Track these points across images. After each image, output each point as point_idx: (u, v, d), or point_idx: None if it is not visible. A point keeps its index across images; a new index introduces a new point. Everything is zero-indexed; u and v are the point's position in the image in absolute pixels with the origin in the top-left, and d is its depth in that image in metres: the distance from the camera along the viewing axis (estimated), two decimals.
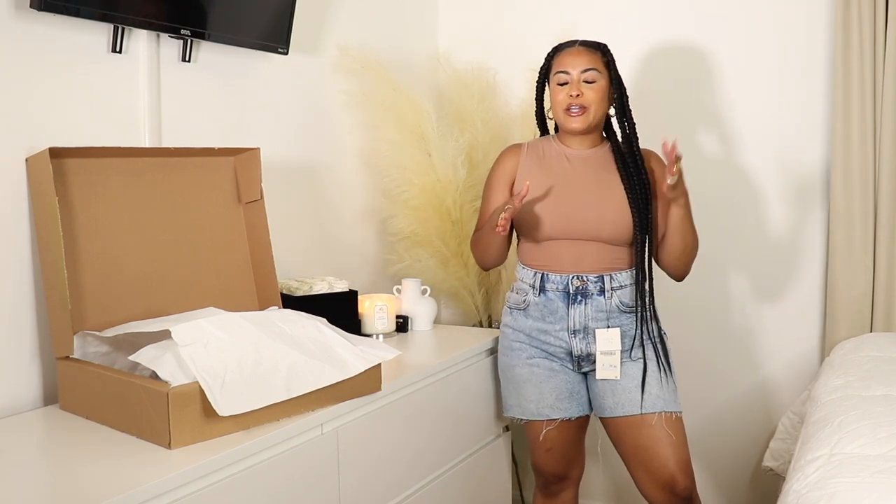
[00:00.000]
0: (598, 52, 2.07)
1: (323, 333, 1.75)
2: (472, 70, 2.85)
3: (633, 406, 2.05)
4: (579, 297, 2.07)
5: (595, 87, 2.04)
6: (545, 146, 2.16)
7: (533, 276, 2.11)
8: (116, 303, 1.81)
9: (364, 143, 2.70)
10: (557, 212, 2.06)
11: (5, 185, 1.71)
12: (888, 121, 2.43)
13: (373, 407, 1.87)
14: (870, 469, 1.48)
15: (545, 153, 2.14)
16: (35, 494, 1.35)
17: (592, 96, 2.03)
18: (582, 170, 2.10)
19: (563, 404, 2.12)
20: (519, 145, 2.20)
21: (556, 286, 2.08)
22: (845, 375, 2.09)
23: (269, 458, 1.57)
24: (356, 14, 2.68)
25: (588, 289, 2.06)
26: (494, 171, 2.18)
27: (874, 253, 2.49)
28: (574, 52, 2.06)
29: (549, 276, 2.09)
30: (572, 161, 2.11)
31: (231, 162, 2.06)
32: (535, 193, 2.06)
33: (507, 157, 2.18)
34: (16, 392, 1.73)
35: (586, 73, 2.03)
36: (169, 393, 1.46)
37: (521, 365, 2.14)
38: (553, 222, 2.06)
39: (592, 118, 2.05)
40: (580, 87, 2.03)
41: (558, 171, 2.10)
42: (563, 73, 2.05)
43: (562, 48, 2.10)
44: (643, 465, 2.06)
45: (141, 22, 1.88)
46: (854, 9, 2.43)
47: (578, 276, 2.06)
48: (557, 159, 2.12)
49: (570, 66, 2.05)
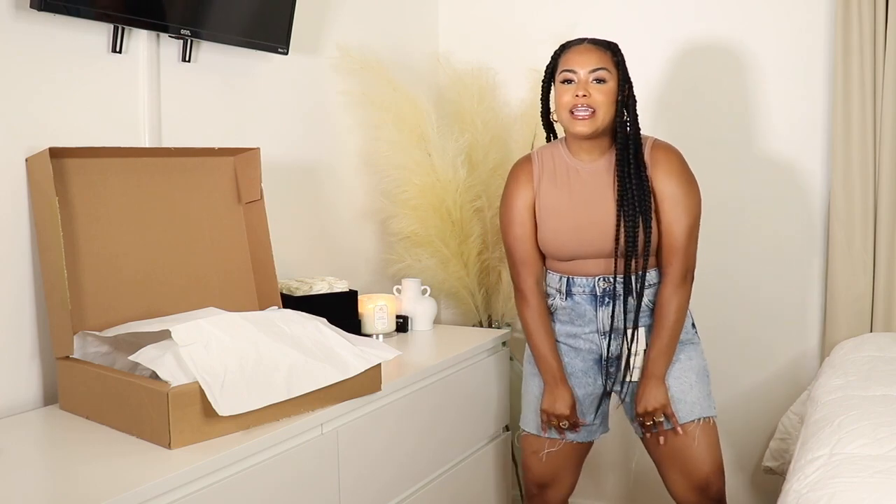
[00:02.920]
0: (609, 52, 1.94)
1: (323, 333, 1.75)
2: (472, 70, 2.85)
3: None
4: (606, 299, 2.01)
5: (604, 89, 1.91)
6: (555, 160, 2.04)
7: (559, 281, 2.05)
8: (116, 303, 1.81)
9: (364, 143, 2.70)
10: (574, 235, 1.99)
11: (5, 185, 1.71)
12: (888, 121, 2.43)
13: (373, 407, 1.87)
14: (870, 469, 1.48)
15: (556, 170, 2.03)
16: (35, 494, 1.35)
17: (601, 98, 1.90)
18: (593, 186, 1.99)
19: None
20: (529, 164, 2.06)
21: (583, 289, 2.02)
22: (845, 375, 2.09)
23: (269, 458, 1.57)
24: (356, 14, 2.68)
25: (615, 290, 1.99)
26: (513, 199, 2.05)
27: (874, 253, 2.49)
28: (582, 50, 1.94)
29: (575, 279, 2.03)
30: (583, 176, 2.00)
31: (231, 162, 2.06)
32: (553, 215, 2.00)
33: (522, 180, 2.05)
34: (16, 392, 1.73)
35: (595, 72, 1.90)
36: (169, 393, 1.46)
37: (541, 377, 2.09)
38: (572, 246, 1.99)
39: (600, 122, 1.91)
40: (587, 88, 1.90)
41: (571, 190, 2.00)
42: (569, 72, 1.92)
43: (569, 46, 1.97)
44: (678, 468, 2.04)
45: (141, 22, 1.88)
46: (854, 9, 2.43)
47: (605, 277, 2.00)
48: (569, 175, 2.02)
49: (577, 64, 1.92)
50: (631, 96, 1.96)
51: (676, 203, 1.97)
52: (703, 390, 2.02)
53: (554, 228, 2.01)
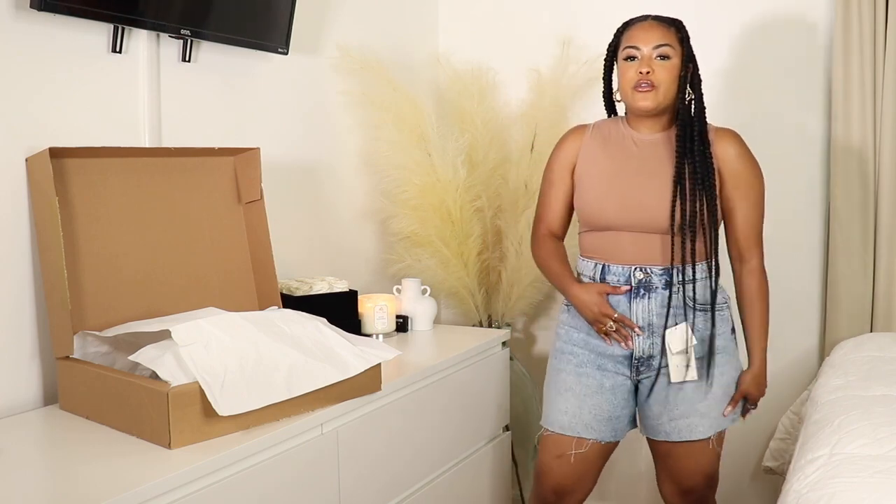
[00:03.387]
0: (673, 28, 1.90)
1: (323, 333, 1.75)
2: (472, 70, 2.85)
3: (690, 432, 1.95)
4: (642, 291, 1.91)
5: (667, 65, 1.87)
6: (612, 128, 1.99)
7: (593, 268, 1.96)
8: (116, 303, 1.81)
9: (364, 144, 2.70)
10: (619, 201, 1.91)
11: (5, 185, 1.71)
12: (888, 121, 2.43)
13: (373, 407, 1.87)
14: (870, 469, 1.48)
15: (611, 135, 1.98)
16: (35, 494, 1.35)
17: (664, 75, 1.86)
18: (648, 155, 1.93)
19: (599, 426, 1.98)
20: (584, 126, 2.03)
21: (618, 278, 1.92)
22: (845, 375, 2.09)
23: (269, 458, 1.57)
24: (356, 14, 2.68)
25: (652, 282, 1.90)
26: (556, 156, 2.03)
27: (874, 253, 2.50)
28: (646, 27, 1.89)
29: (610, 267, 1.93)
30: (639, 145, 1.94)
31: (231, 162, 2.06)
32: (597, 179, 1.94)
33: (570, 140, 2.02)
34: (16, 392, 1.73)
35: (659, 48, 1.86)
36: (169, 393, 1.46)
37: (570, 371, 1.99)
38: (614, 212, 1.91)
39: (662, 97, 1.87)
40: (651, 64, 1.86)
41: (624, 156, 1.94)
42: (632, 48, 1.88)
43: (632, 23, 1.93)
44: (675, 477, 2.02)
45: (141, 22, 1.88)
46: (854, 9, 2.43)
47: (642, 267, 1.91)
48: (624, 143, 1.96)
49: (640, 41, 1.87)
50: (696, 74, 1.92)
51: (749, 185, 1.92)
52: (724, 404, 1.97)
53: (596, 192, 1.94)
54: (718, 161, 1.91)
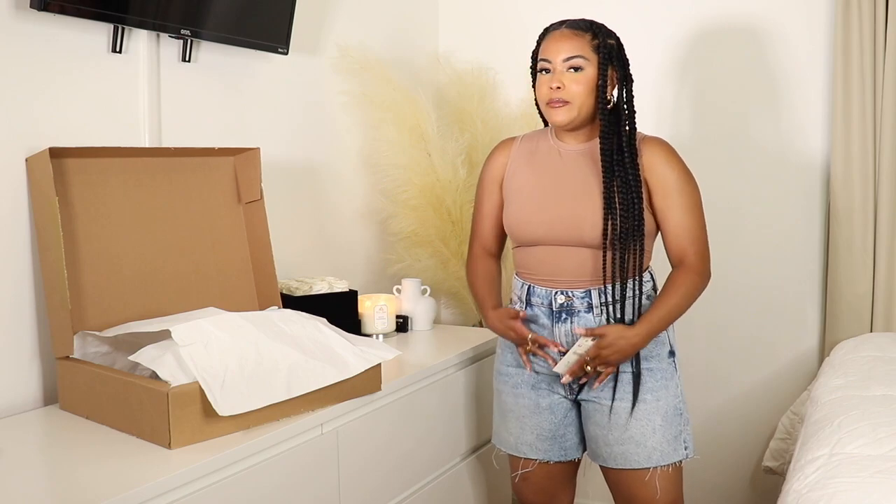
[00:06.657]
0: (588, 35, 1.79)
1: (323, 333, 1.75)
2: (472, 70, 2.85)
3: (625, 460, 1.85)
4: (564, 315, 1.86)
5: (579, 77, 1.77)
6: (539, 140, 1.94)
7: (521, 288, 1.93)
8: (116, 303, 1.81)
9: (364, 143, 2.70)
10: (543, 215, 1.85)
11: (5, 185, 1.71)
12: (888, 121, 2.43)
13: (373, 407, 1.87)
14: (870, 469, 1.48)
15: (538, 147, 1.92)
16: (35, 494, 1.35)
17: (576, 88, 1.77)
18: (573, 168, 1.86)
19: (543, 445, 1.95)
20: (511, 140, 1.99)
21: (542, 300, 1.88)
22: (845, 375, 2.09)
23: (269, 458, 1.57)
24: (356, 14, 2.68)
25: (574, 305, 1.85)
26: (484, 171, 2.00)
27: (874, 253, 2.50)
28: (557, 37, 1.80)
29: (535, 289, 1.89)
30: (564, 157, 1.88)
31: (231, 162, 2.06)
32: (521, 193, 1.89)
33: (497, 154, 1.98)
34: (16, 392, 1.73)
35: (569, 60, 1.77)
36: (169, 393, 1.46)
37: (507, 392, 1.98)
38: (538, 226, 1.85)
39: (577, 111, 1.79)
40: (562, 78, 1.77)
41: (548, 169, 1.88)
42: (544, 61, 1.80)
43: (548, 31, 1.85)
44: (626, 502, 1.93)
45: (141, 22, 1.88)
46: (854, 9, 2.43)
47: (563, 291, 1.85)
48: (549, 155, 1.90)
49: (551, 52, 1.79)
50: (625, 78, 1.83)
51: (679, 192, 1.82)
52: (668, 434, 1.84)
53: (520, 206, 1.89)
54: (645, 171, 1.82)
